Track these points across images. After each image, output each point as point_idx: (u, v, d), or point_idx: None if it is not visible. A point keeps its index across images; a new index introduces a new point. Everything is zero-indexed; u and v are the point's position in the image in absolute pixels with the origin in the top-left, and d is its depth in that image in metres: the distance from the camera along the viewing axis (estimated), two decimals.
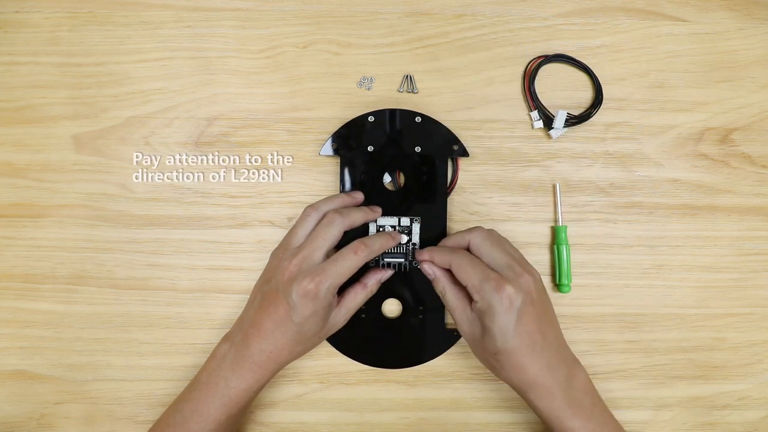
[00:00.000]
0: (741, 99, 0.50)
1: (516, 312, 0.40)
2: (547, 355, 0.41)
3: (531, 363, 0.41)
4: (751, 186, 0.50)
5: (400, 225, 0.48)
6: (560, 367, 0.42)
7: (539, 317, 0.41)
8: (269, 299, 0.43)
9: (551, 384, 0.41)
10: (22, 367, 0.50)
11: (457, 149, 0.48)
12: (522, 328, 0.40)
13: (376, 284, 0.47)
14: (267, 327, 0.43)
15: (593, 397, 0.43)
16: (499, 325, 0.40)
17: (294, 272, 0.42)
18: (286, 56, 0.49)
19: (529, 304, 0.41)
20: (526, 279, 0.41)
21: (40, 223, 0.49)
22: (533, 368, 0.41)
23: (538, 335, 0.41)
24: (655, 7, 0.50)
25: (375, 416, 0.51)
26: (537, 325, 0.41)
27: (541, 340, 0.41)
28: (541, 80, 0.50)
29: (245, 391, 0.43)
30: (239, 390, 0.43)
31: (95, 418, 0.50)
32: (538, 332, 0.41)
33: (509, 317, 0.40)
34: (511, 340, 0.40)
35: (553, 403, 0.41)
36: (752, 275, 0.51)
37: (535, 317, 0.41)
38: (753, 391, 0.51)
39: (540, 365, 0.41)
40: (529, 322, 0.41)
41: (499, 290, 0.40)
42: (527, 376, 0.41)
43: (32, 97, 0.49)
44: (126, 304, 0.50)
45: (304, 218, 0.45)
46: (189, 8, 0.49)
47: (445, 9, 0.49)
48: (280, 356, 0.43)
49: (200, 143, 0.49)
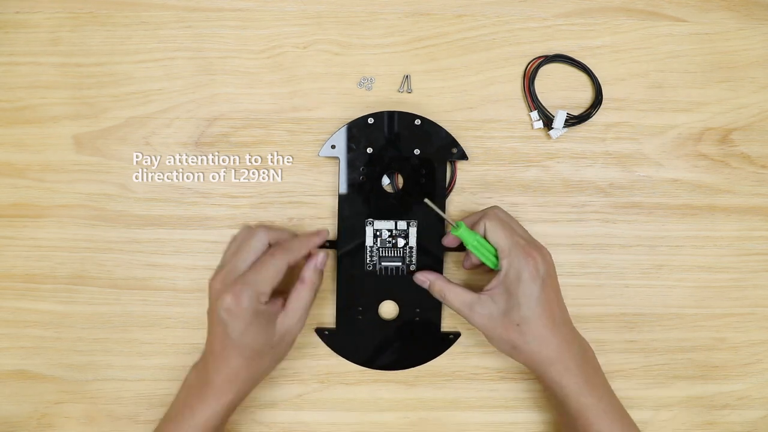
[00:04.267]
0: (741, 99, 0.50)
1: (540, 280, 0.41)
2: (564, 330, 0.43)
3: (552, 335, 0.42)
4: (751, 186, 0.50)
5: (397, 228, 0.48)
6: (574, 342, 0.43)
7: (556, 291, 0.43)
8: (210, 322, 0.43)
9: (569, 359, 0.42)
10: (23, 366, 0.50)
11: (456, 152, 0.48)
12: (545, 297, 0.42)
13: (315, 274, 0.44)
14: (216, 350, 0.42)
15: (602, 374, 0.44)
16: (525, 291, 0.41)
17: (218, 289, 0.42)
18: (287, 56, 0.49)
19: (548, 276, 0.42)
20: (546, 252, 0.43)
21: (40, 223, 0.49)
22: (554, 341, 0.42)
23: (557, 308, 0.43)
24: (655, 7, 0.50)
25: (375, 416, 0.51)
26: (555, 298, 0.43)
27: (558, 314, 0.43)
28: (540, 80, 0.50)
29: (212, 419, 0.42)
30: (205, 418, 0.42)
31: (95, 418, 0.50)
32: (557, 305, 0.43)
33: (535, 284, 0.41)
34: (535, 307, 0.41)
35: (571, 378, 0.42)
36: (752, 275, 0.51)
37: (552, 290, 0.43)
38: (753, 391, 0.51)
39: (559, 339, 0.42)
40: (550, 292, 0.42)
41: (528, 256, 0.41)
42: (548, 349, 0.42)
43: (32, 97, 0.49)
44: (126, 304, 0.50)
45: (237, 234, 0.45)
46: (189, 8, 0.49)
47: (445, 9, 0.49)
48: (237, 377, 0.42)
49: (200, 143, 0.49)
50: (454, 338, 0.50)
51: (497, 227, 0.43)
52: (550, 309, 0.42)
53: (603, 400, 0.42)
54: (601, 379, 0.44)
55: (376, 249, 0.48)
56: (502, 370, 0.51)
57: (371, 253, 0.48)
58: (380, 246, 0.48)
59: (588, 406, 0.42)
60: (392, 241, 0.48)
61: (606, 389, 0.44)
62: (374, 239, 0.48)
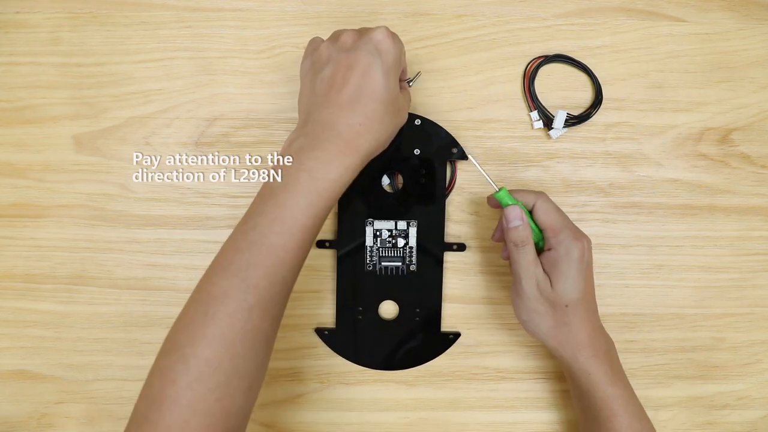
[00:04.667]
0: (740, 99, 0.50)
1: (585, 265, 0.42)
2: (595, 319, 0.43)
3: (589, 320, 0.42)
4: (751, 186, 0.50)
5: (397, 228, 0.48)
6: (602, 332, 0.44)
7: (592, 281, 0.43)
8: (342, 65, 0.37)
9: (599, 347, 0.43)
10: (23, 366, 0.50)
11: (456, 152, 0.48)
12: (589, 283, 0.42)
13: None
14: (347, 95, 0.37)
15: (622, 368, 0.45)
16: (574, 273, 0.41)
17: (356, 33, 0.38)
18: (287, 56, 0.49)
19: (590, 263, 0.43)
20: (589, 241, 0.43)
21: (40, 223, 0.49)
22: (589, 326, 0.42)
23: (593, 297, 0.43)
24: (655, 8, 0.50)
25: (375, 416, 0.51)
26: (592, 286, 0.43)
27: (593, 302, 0.43)
28: (540, 80, 0.50)
29: (335, 182, 0.36)
30: (328, 181, 0.36)
31: (96, 417, 0.50)
32: (593, 294, 0.43)
33: (581, 267, 0.41)
34: (581, 290, 0.41)
35: (600, 367, 0.42)
36: (751, 275, 0.51)
37: (591, 278, 0.43)
38: (752, 391, 0.51)
39: (593, 326, 0.43)
40: (590, 278, 0.43)
41: (577, 239, 0.42)
42: (583, 334, 0.42)
43: (32, 97, 0.49)
44: (126, 304, 0.50)
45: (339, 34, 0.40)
46: (189, 8, 0.49)
47: (445, 9, 0.49)
48: (371, 128, 0.37)
49: (200, 143, 0.49)
50: (454, 338, 0.50)
51: (550, 208, 0.43)
52: (591, 295, 0.43)
53: (626, 392, 0.43)
54: (623, 373, 0.44)
55: (376, 249, 0.48)
56: (502, 370, 0.51)
57: (371, 253, 0.49)
58: (380, 246, 0.48)
59: (614, 397, 0.42)
60: (392, 241, 0.48)
61: (627, 383, 0.44)
62: (374, 239, 0.48)
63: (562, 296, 0.41)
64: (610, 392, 0.42)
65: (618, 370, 0.44)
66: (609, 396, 0.42)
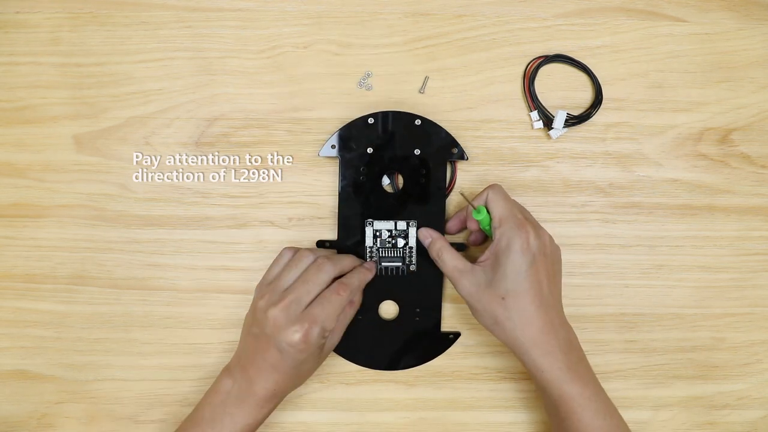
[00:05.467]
0: (740, 99, 0.50)
1: (531, 256, 0.41)
2: (551, 313, 0.42)
3: (537, 315, 0.41)
4: (751, 186, 0.50)
5: (397, 229, 0.48)
6: (561, 328, 0.43)
7: (548, 272, 0.42)
8: (261, 344, 0.42)
9: (553, 344, 0.41)
10: (23, 366, 0.50)
11: (456, 152, 0.48)
12: (533, 274, 0.41)
13: (360, 296, 0.47)
14: (264, 368, 0.43)
15: (587, 364, 0.44)
16: (513, 264, 0.41)
17: (281, 320, 0.41)
18: (286, 56, 0.49)
19: (542, 254, 0.42)
20: (545, 232, 0.43)
21: (40, 223, 0.49)
22: (538, 321, 0.41)
23: (546, 288, 0.42)
24: (655, 8, 0.50)
25: (375, 416, 0.51)
26: (546, 278, 0.42)
27: (547, 295, 0.42)
28: (540, 80, 0.50)
29: (251, 426, 0.43)
30: (245, 425, 0.43)
31: (96, 417, 0.50)
32: (546, 285, 0.42)
33: (524, 258, 0.41)
34: (522, 281, 0.41)
35: (554, 363, 0.41)
36: (751, 275, 0.51)
37: (544, 269, 0.42)
38: (752, 391, 0.51)
39: (545, 320, 0.41)
40: (540, 271, 0.42)
41: (521, 229, 0.41)
42: (532, 329, 0.41)
43: (32, 97, 0.49)
44: (126, 304, 0.50)
45: (299, 259, 0.44)
46: (189, 8, 0.49)
47: (445, 9, 0.49)
48: (283, 390, 0.44)
49: (200, 143, 0.49)
50: (454, 338, 0.50)
51: (499, 198, 0.43)
52: (539, 287, 0.41)
53: (587, 389, 0.42)
54: (586, 369, 0.43)
55: (375, 249, 0.48)
56: (502, 370, 0.51)
57: (371, 253, 0.49)
58: (380, 246, 0.48)
59: (571, 395, 0.41)
60: (392, 241, 0.48)
61: (591, 379, 0.43)
62: (374, 239, 0.48)
63: (497, 288, 0.41)
64: (567, 390, 0.41)
65: (576, 367, 0.42)
66: (566, 394, 0.41)
